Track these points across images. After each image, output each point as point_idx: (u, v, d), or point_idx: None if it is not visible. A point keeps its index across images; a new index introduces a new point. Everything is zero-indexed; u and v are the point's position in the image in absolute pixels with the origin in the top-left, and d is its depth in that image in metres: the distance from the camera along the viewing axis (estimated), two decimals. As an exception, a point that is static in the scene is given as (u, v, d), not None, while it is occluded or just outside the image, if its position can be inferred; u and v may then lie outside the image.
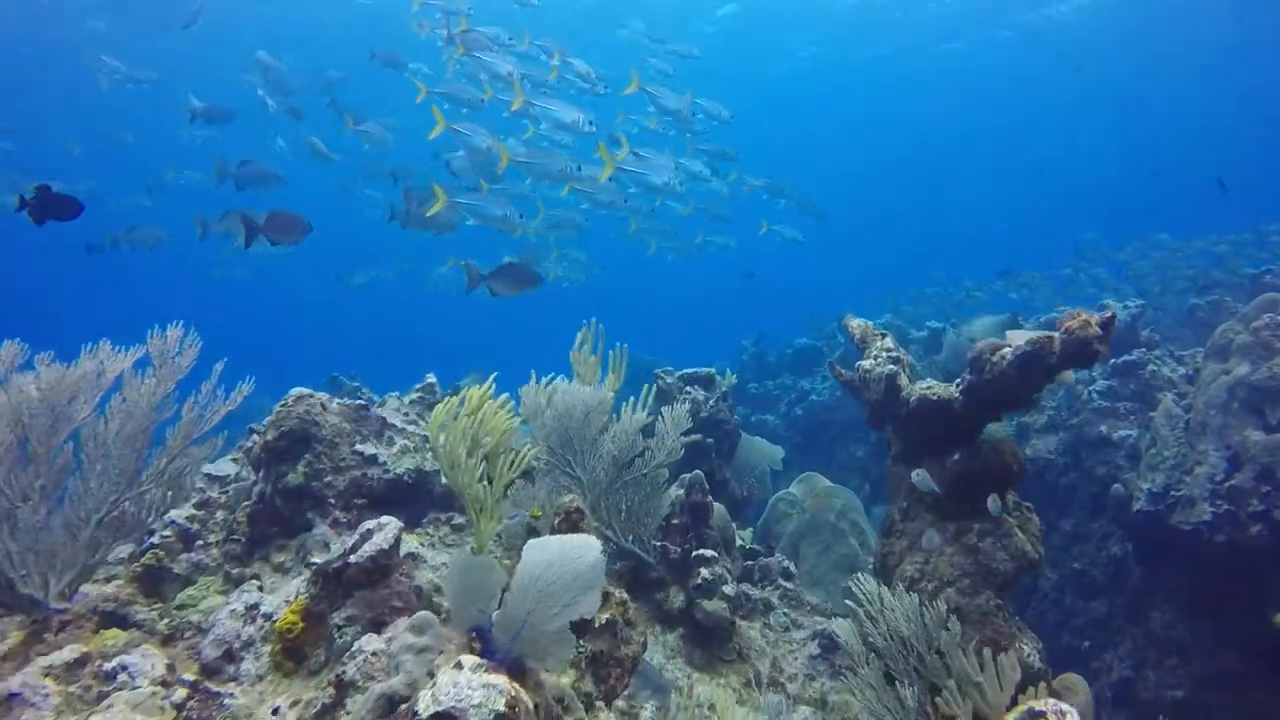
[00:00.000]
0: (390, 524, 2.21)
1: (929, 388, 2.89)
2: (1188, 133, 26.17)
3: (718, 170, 7.48)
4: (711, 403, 5.09)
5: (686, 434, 5.30)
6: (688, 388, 5.17)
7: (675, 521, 3.55)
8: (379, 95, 11.43)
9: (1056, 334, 2.49)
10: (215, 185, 6.99)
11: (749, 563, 4.23)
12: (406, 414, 4.08)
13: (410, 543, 2.89)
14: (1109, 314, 2.48)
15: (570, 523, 2.28)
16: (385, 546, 2.10)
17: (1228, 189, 16.54)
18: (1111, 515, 6.05)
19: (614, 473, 2.94)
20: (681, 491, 3.59)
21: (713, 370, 5.27)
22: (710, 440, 4.99)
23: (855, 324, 3.57)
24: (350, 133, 8.11)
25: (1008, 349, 2.57)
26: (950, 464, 2.85)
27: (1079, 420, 6.51)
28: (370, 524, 2.22)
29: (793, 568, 4.30)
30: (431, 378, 4.57)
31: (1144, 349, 6.58)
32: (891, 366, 3.09)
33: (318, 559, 2.77)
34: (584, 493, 2.93)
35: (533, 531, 2.52)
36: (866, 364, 3.27)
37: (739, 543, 4.79)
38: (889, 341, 3.33)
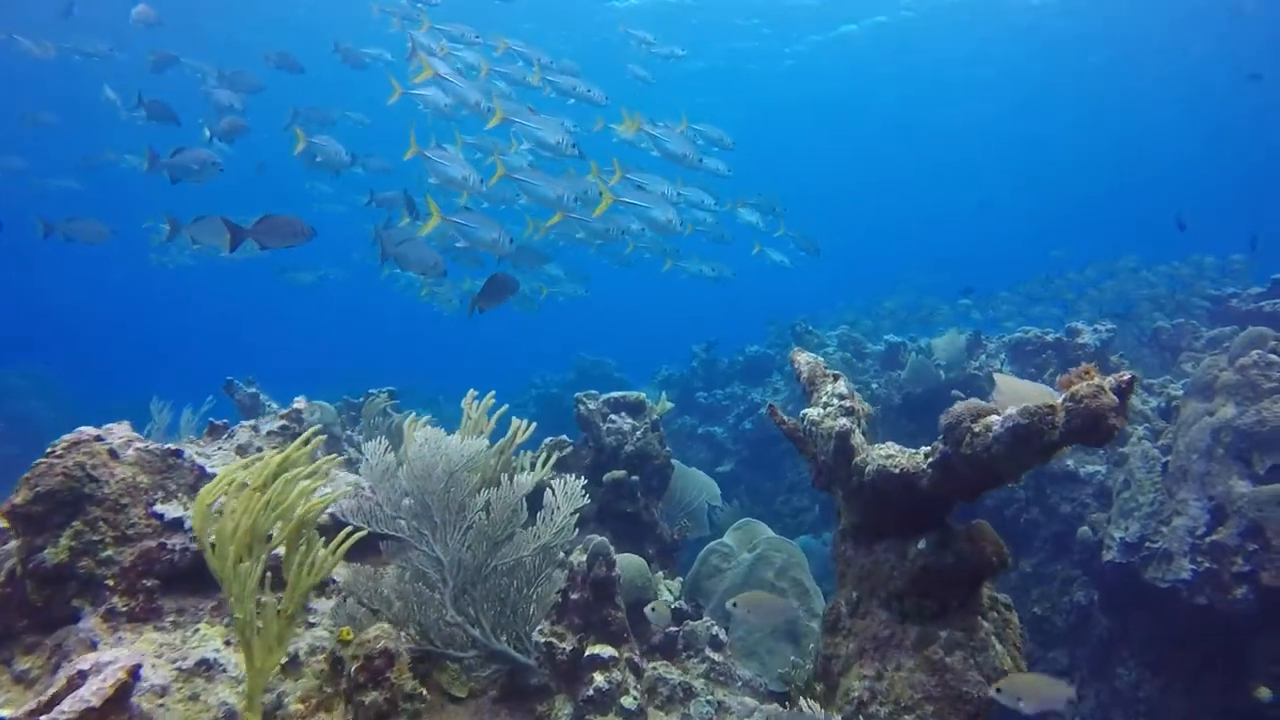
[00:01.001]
0: (118, 663, 1.51)
1: (890, 457, 2.27)
2: (1162, 155, 26.29)
3: (717, 198, 6.91)
4: (639, 434, 4.44)
5: (611, 468, 4.67)
6: (612, 415, 4.51)
7: (574, 597, 2.89)
8: (345, 85, 10.60)
9: (1060, 401, 1.88)
10: (147, 173, 6.62)
11: (672, 628, 3.60)
12: (260, 448, 3.36)
13: (212, 641, 2.20)
14: (1126, 377, 1.88)
15: (373, 674, 1.61)
16: (95, 704, 1.41)
17: (1186, 229, 16.56)
18: (1077, 559, 5.54)
19: (486, 552, 2.28)
20: (584, 558, 2.95)
21: (642, 395, 4.62)
22: (635, 478, 4.35)
23: (802, 360, 2.94)
24: (300, 152, 7.38)
25: (994, 418, 1.95)
26: (914, 554, 2.24)
27: (1043, 452, 6.00)
28: (92, 659, 1.52)
29: (723, 635, 3.68)
30: (300, 402, 3.85)
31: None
32: (844, 421, 2.46)
33: (84, 662, 2.06)
34: (445, 577, 2.26)
35: (337, 664, 1.85)
36: (814, 413, 2.64)
37: (665, 597, 4.16)
38: (842, 385, 2.70)
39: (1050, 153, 27.46)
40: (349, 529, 1.95)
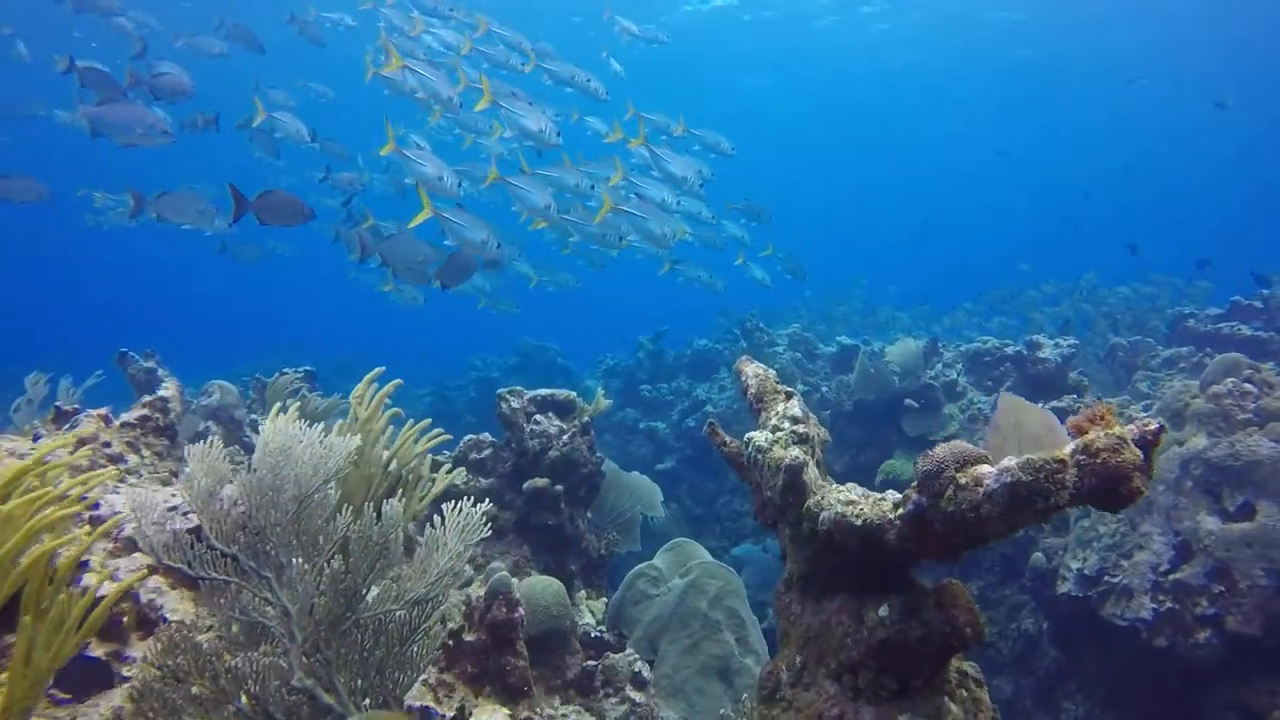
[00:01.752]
0: None
1: (851, 504, 1.86)
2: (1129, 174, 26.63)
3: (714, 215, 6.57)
4: (567, 438, 3.99)
5: (534, 475, 4.22)
6: (538, 415, 4.05)
7: (469, 639, 2.45)
8: (303, 51, 9.89)
9: (1069, 453, 1.49)
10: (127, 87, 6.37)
11: (590, 663, 3.18)
12: (110, 444, 2.83)
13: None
14: (1153, 426, 1.50)
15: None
16: None
17: (1138, 254, 16.81)
18: (1028, 585, 5.26)
19: (343, 604, 1.81)
20: (482, 592, 2.50)
21: (572, 394, 4.16)
22: (560, 488, 3.90)
23: (750, 372, 2.52)
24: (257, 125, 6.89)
25: (986, 470, 1.55)
26: (873, 621, 1.84)
27: (997, 470, 5.70)
28: None
29: (647, 671, 3.26)
30: (169, 387, 3.31)
31: (1074, 394, 5.83)
32: (796, 452, 2.05)
33: None
34: (292, 631, 1.79)
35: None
36: (760, 438, 2.22)
37: (586, 621, 3.74)
38: (795, 406, 2.29)
39: (1022, 167, 27.71)
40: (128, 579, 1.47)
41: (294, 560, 1.81)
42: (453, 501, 1.99)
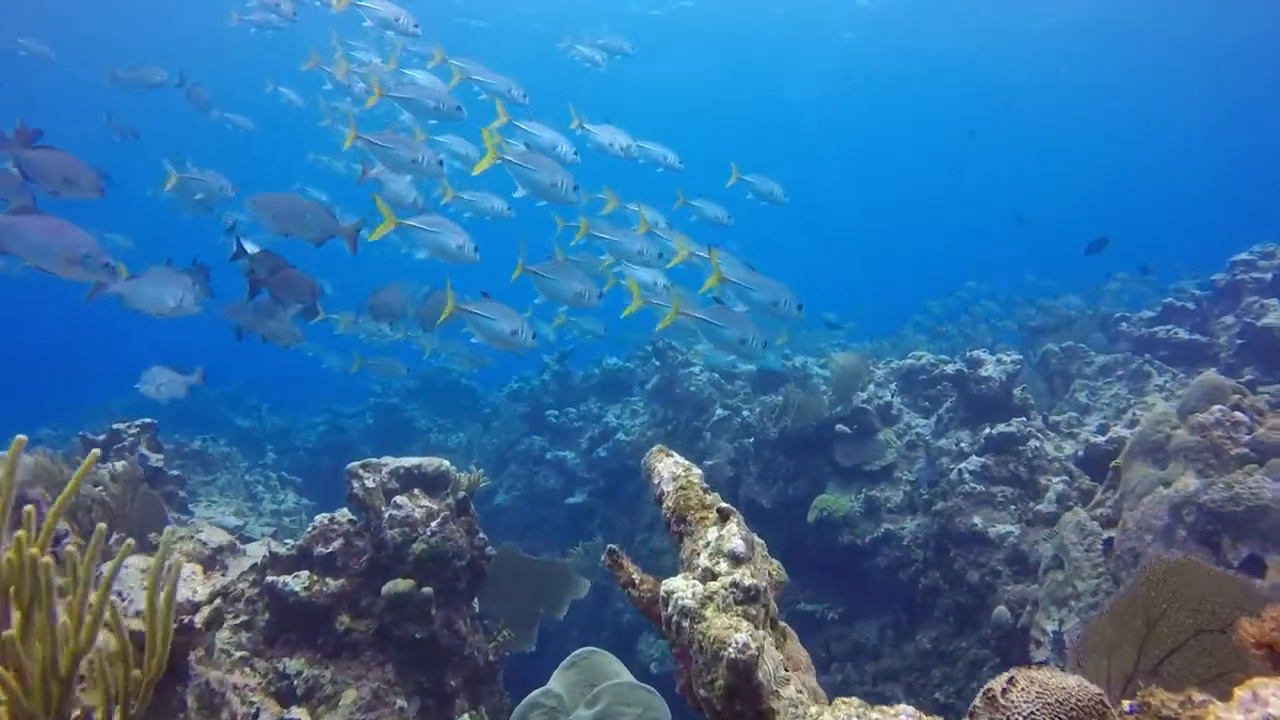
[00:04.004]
0: None
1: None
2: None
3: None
4: (436, 524, 3.11)
5: (396, 573, 3.33)
6: (400, 496, 3.15)
7: None
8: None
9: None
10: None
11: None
12: None
13: None
14: None
15: None
16: None
17: (1024, 223, 16.94)
18: (992, 641, 4.62)
19: None
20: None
21: (444, 464, 3.27)
22: (429, 591, 3.02)
23: (666, 472, 1.72)
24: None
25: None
26: None
27: (947, 506, 5.07)
28: None
29: None
30: None
31: (1022, 417, 5.25)
32: (743, 636, 1.27)
33: None
34: None
35: None
36: (686, 595, 1.42)
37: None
38: (733, 533, 1.50)
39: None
40: None
41: None
42: None
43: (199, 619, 2.08)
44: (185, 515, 6.07)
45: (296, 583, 3.07)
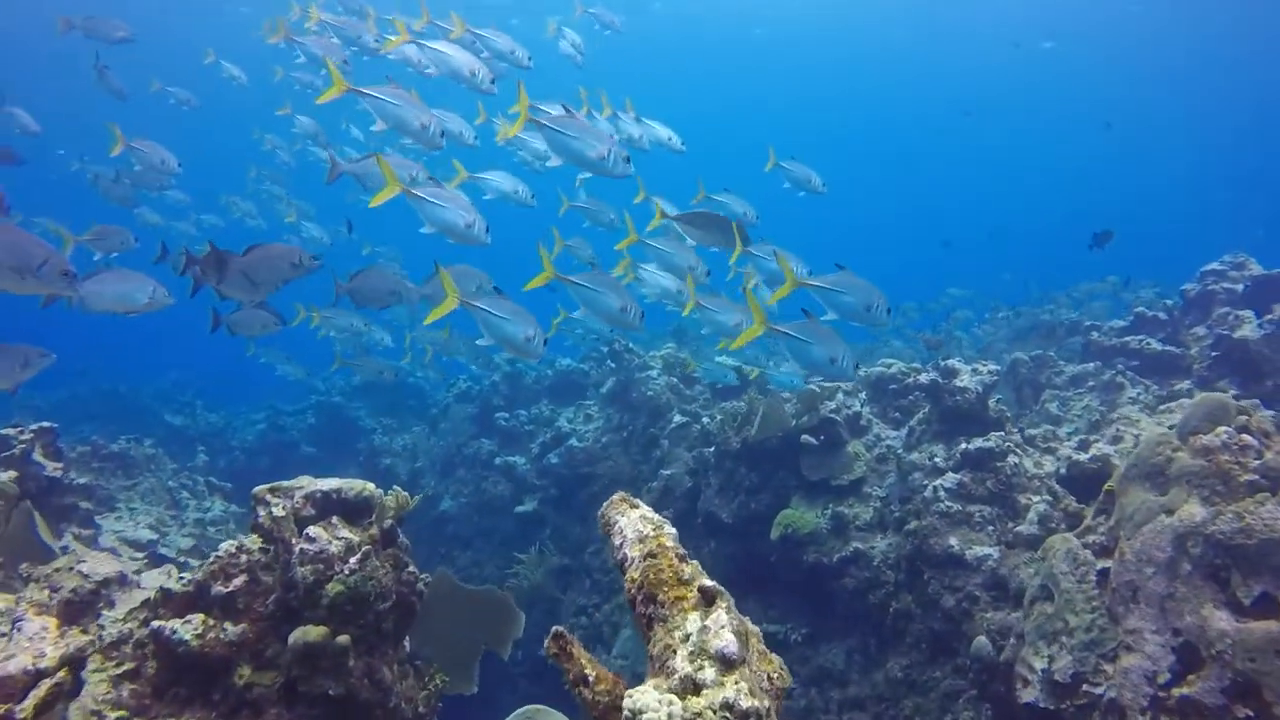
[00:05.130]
0: None
1: None
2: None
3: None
4: (355, 560, 2.65)
5: (308, 616, 2.88)
6: (314, 528, 2.70)
7: None
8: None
9: None
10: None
11: None
12: None
13: None
14: None
15: None
16: None
17: (951, 247, 16.95)
18: (969, 673, 4.31)
19: None
20: None
21: (368, 488, 2.81)
22: (345, 640, 2.57)
23: (629, 530, 1.32)
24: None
25: None
26: None
27: (920, 526, 4.75)
28: None
29: None
30: None
31: (1000, 431, 4.96)
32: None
33: None
34: None
35: None
36: (656, 715, 1.01)
37: None
38: (721, 627, 1.10)
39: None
40: None
41: None
42: None
43: (27, 704, 1.62)
44: (90, 529, 5.49)
45: (187, 629, 2.59)
